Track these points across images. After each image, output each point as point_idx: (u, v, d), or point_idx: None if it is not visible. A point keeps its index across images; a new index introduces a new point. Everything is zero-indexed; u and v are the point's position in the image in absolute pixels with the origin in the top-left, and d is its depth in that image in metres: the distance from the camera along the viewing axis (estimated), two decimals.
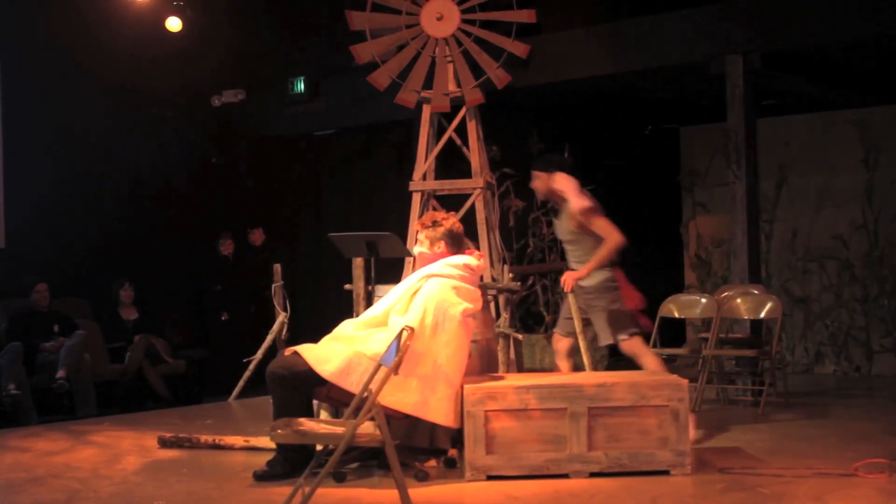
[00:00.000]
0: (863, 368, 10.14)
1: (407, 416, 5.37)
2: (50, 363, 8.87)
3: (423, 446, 5.71)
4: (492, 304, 7.33)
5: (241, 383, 8.99)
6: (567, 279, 6.32)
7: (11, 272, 9.48)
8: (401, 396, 5.27)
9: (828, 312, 10.39)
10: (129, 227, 10.85)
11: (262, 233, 11.12)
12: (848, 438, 6.45)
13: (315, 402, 5.78)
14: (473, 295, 5.61)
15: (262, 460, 5.61)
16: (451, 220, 5.80)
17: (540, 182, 6.48)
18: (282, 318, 8.69)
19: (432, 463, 5.64)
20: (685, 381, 5.43)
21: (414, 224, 8.00)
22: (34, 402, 8.65)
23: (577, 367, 9.30)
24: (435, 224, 5.75)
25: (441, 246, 5.72)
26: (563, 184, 6.42)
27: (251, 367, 8.93)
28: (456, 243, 5.75)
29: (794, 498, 4.88)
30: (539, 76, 9.25)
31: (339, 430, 4.60)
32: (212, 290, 10.81)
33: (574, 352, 6.66)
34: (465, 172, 8.60)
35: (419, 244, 5.79)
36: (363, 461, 5.71)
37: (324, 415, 5.99)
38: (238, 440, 6.44)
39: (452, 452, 5.67)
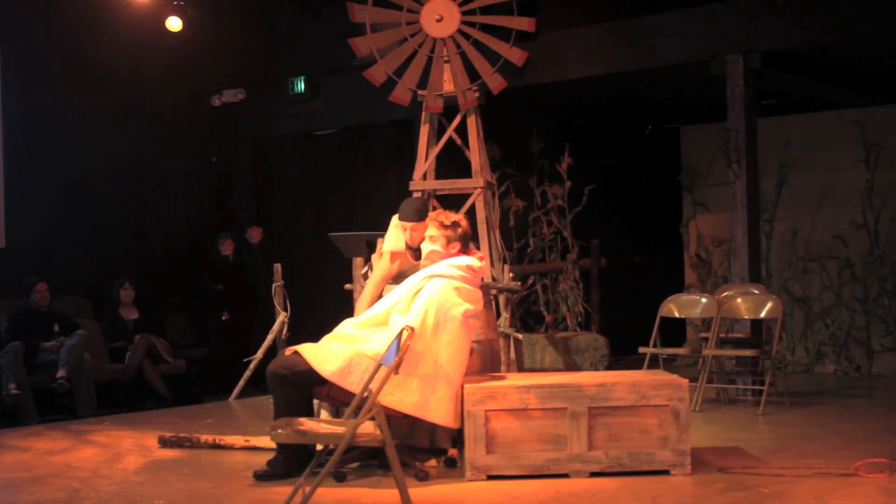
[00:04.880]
0: (863, 368, 10.14)
1: (407, 416, 5.38)
2: (50, 363, 8.86)
3: (423, 446, 5.71)
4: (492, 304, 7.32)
5: (241, 383, 9.00)
6: None
7: (11, 272, 9.47)
8: (401, 396, 5.27)
9: (828, 312, 10.39)
10: (129, 226, 10.85)
11: (259, 231, 11.12)
12: (848, 438, 6.46)
13: (315, 401, 5.78)
14: (475, 296, 5.61)
15: (262, 460, 5.62)
16: (466, 222, 5.81)
17: (421, 231, 5.97)
18: (282, 317, 8.70)
19: (433, 462, 5.64)
20: (685, 381, 5.43)
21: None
22: (34, 402, 8.64)
23: (576, 365, 9.32)
24: (455, 225, 5.74)
25: (457, 247, 5.72)
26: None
27: (251, 366, 8.94)
28: (467, 245, 5.78)
29: (795, 497, 4.88)
30: (539, 76, 9.24)
31: (340, 429, 4.60)
32: (212, 289, 10.81)
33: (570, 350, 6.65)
34: (466, 172, 8.60)
35: (431, 241, 5.74)
36: (363, 461, 5.71)
37: (324, 414, 5.99)
38: (238, 440, 6.44)
39: (453, 452, 5.68)
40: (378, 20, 8.68)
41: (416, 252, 6.11)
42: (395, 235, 6.14)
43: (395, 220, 6.19)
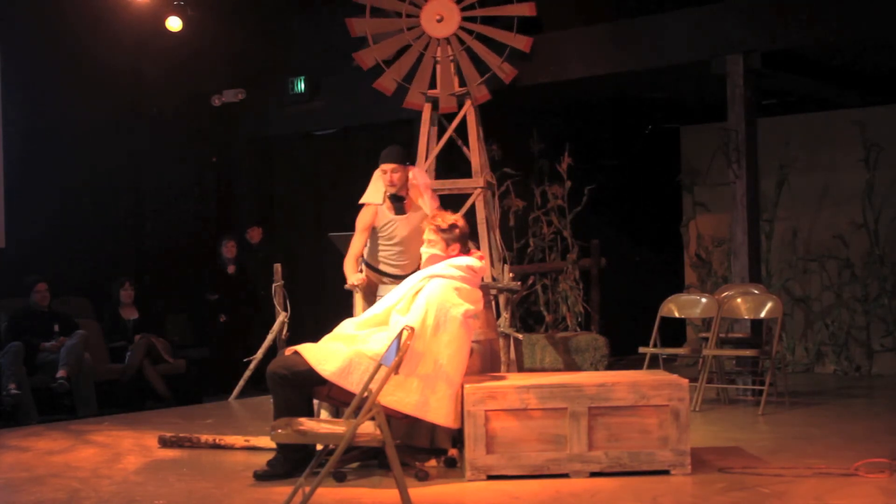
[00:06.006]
0: (863, 368, 10.14)
1: (407, 416, 5.38)
2: (50, 363, 8.86)
3: (423, 446, 5.72)
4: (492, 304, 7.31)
5: (241, 383, 8.99)
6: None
7: (11, 272, 9.47)
8: (401, 396, 5.27)
9: (828, 312, 10.39)
10: (129, 226, 10.85)
11: (259, 231, 11.12)
12: (848, 438, 6.46)
13: (315, 401, 5.78)
14: (474, 296, 5.62)
15: (262, 460, 5.62)
16: (464, 221, 5.81)
17: (401, 174, 6.30)
18: (282, 318, 8.69)
19: (433, 463, 5.64)
20: (685, 381, 5.43)
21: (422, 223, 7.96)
22: (35, 402, 8.64)
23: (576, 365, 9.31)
24: (452, 228, 5.73)
25: (456, 249, 5.72)
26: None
27: (251, 367, 8.94)
28: (466, 245, 5.78)
29: (795, 497, 4.88)
30: (539, 76, 9.24)
31: (340, 429, 4.60)
32: (209, 300, 10.75)
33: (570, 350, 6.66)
34: (466, 172, 8.59)
35: (430, 245, 5.73)
36: (363, 461, 5.71)
37: (324, 414, 5.99)
38: (238, 440, 6.44)
39: (453, 452, 5.68)
40: (379, 30, 8.66)
41: (396, 204, 6.32)
42: (374, 188, 6.38)
43: (376, 173, 6.38)
